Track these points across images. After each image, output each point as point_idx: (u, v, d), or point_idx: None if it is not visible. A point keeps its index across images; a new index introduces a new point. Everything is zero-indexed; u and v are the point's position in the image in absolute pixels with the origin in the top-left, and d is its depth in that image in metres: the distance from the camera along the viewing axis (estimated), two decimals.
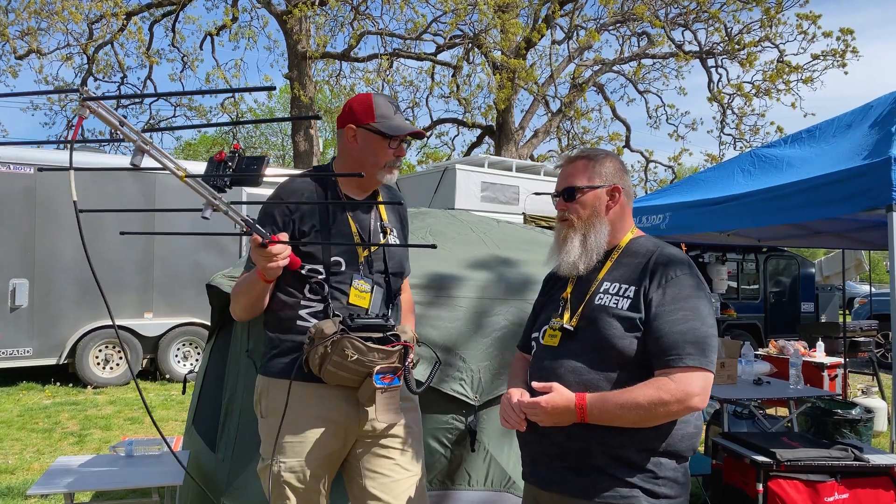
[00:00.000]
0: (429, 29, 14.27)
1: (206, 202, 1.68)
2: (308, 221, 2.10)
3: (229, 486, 2.77)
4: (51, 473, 3.04)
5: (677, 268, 1.75)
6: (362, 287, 2.11)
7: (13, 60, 14.47)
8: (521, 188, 9.97)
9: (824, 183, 3.54)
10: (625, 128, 18.02)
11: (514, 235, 3.64)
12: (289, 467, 2.04)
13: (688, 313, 1.69)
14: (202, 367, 3.74)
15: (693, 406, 1.63)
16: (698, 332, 1.67)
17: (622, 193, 1.90)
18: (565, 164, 1.93)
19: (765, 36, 14.65)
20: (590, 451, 1.71)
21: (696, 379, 1.64)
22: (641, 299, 1.73)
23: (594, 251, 1.84)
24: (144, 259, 8.73)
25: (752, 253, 10.96)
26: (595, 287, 1.83)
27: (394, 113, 2.13)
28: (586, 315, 1.79)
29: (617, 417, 1.65)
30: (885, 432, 5.83)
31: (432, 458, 2.71)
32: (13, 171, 8.04)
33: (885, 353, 10.50)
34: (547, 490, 1.79)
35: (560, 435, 1.74)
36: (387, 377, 2.01)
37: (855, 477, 3.14)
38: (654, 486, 1.69)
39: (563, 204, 1.89)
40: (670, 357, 1.66)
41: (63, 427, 6.54)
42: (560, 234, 1.89)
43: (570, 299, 1.87)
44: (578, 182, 1.88)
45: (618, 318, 1.73)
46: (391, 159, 2.13)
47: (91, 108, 1.44)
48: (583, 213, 1.86)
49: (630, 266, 1.82)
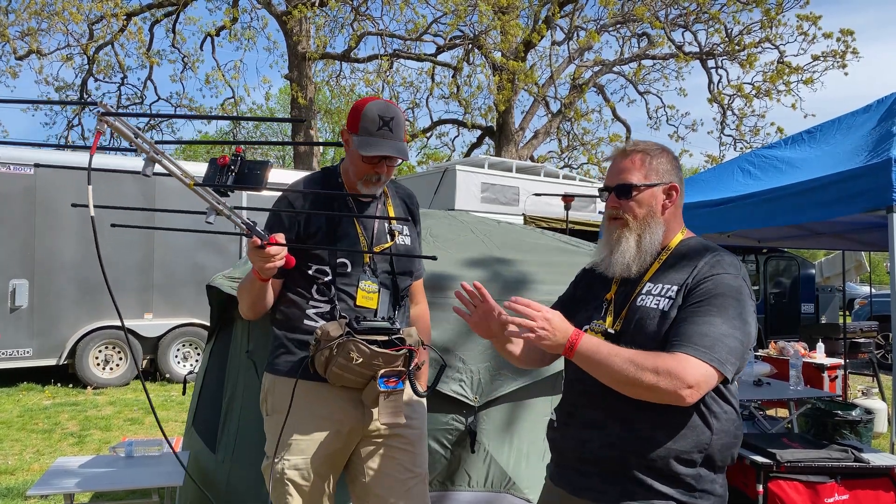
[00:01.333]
0: (429, 30, 14.28)
1: (209, 207, 1.70)
2: (314, 223, 2.11)
3: (229, 486, 2.77)
4: (50, 474, 3.04)
5: (721, 267, 1.66)
6: (370, 288, 2.12)
7: (13, 61, 14.49)
8: (521, 189, 9.97)
9: (824, 184, 3.54)
10: (625, 129, 18.03)
11: (513, 236, 3.64)
12: (293, 465, 2.04)
13: (712, 308, 1.59)
14: (202, 367, 3.74)
15: (681, 394, 1.51)
16: (712, 329, 1.56)
17: (678, 192, 1.80)
18: (618, 158, 1.80)
19: (765, 37, 14.66)
20: (626, 460, 1.64)
21: (697, 368, 1.52)
22: (681, 299, 1.64)
23: (648, 253, 1.74)
24: (144, 260, 8.73)
25: (752, 254, 10.95)
26: (640, 289, 1.74)
27: (377, 129, 2.04)
28: (628, 318, 1.71)
29: (602, 363, 1.56)
30: (886, 433, 5.82)
31: (432, 459, 2.71)
32: (13, 171, 8.05)
33: (886, 354, 10.49)
34: (577, 496, 1.72)
35: (596, 442, 1.68)
36: (391, 380, 2.01)
37: (855, 478, 3.14)
38: (691, 499, 1.62)
39: (616, 201, 1.76)
40: (679, 342, 1.57)
41: (63, 428, 6.53)
42: (613, 234, 1.77)
43: (615, 301, 1.78)
44: (634, 179, 1.75)
45: (655, 320, 1.65)
46: (369, 173, 2.09)
47: (109, 123, 1.50)
48: (638, 212, 1.75)
49: (677, 268, 1.72)
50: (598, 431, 1.68)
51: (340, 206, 2.16)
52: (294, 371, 2.06)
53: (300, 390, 2.06)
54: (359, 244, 2.14)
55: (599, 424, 1.68)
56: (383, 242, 2.19)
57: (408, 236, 2.26)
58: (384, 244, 2.19)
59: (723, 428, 1.64)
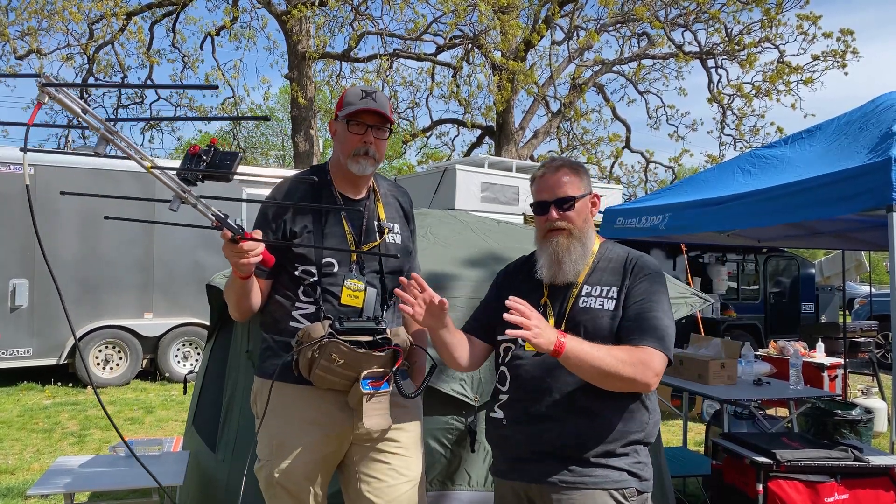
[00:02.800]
0: (429, 29, 14.27)
1: (174, 194, 1.66)
2: (300, 222, 2.08)
3: (229, 485, 2.77)
4: (50, 474, 3.04)
5: (648, 266, 1.91)
6: (355, 287, 2.08)
7: (13, 60, 14.48)
8: (521, 188, 9.96)
9: (824, 183, 3.54)
10: (625, 128, 18.05)
11: (513, 236, 3.64)
12: (281, 469, 2.03)
13: (654, 304, 1.83)
14: (202, 367, 3.74)
15: (648, 382, 1.76)
16: (660, 323, 1.81)
17: (599, 201, 2.01)
18: (548, 175, 1.96)
19: (765, 37, 14.66)
20: (585, 445, 1.80)
21: (660, 359, 1.78)
22: (623, 298, 1.85)
23: (588, 257, 1.93)
24: (144, 259, 8.73)
25: (752, 253, 10.94)
26: (576, 292, 1.90)
27: (360, 99, 2.05)
28: (572, 319, 1.86)
29: (586, 360, 1.71)
30: (885, 433, 5.83)
31: (432, 459, 2.70)
32: (13, 171, 8.05)
33: (885, 353, 10.50)
34: (536, 482, 1.84)
35: (553, 432, 1.82)
36: (376, 382, 1.98)
37: (855, 477, 3.14)
38: (638, 470, 1.84)
39: (559, 213, 1.92)
40: (637, 336, 1.79)
41: (63, 427, 6.54)
42: (560, 244, 1.91)
43: (551, 304, 1.92)
44: (571, 191, 1.93)
45: (606, 319, 1.84)
46: (358, 145, 2.06)
47: (51, 95, 1.40)
48: (577, 221, 1.92)
49: (608, 270, 1.92)
50: (556, 423, 1.82)
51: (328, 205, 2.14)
52: (279, 374, 2.03)
53: (288, 394, 2.04)
54: (346, 243, 2.11)
55: (557, 418, 1.82)
56: (372, 241, 2.16)
57: (399, 234, 2.23)
58: (373, 242, 2.16)
59: (654, 407, 1.91)
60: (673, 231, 4.70)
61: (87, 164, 8.47)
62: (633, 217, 5.03)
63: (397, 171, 23.53)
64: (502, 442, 1.93)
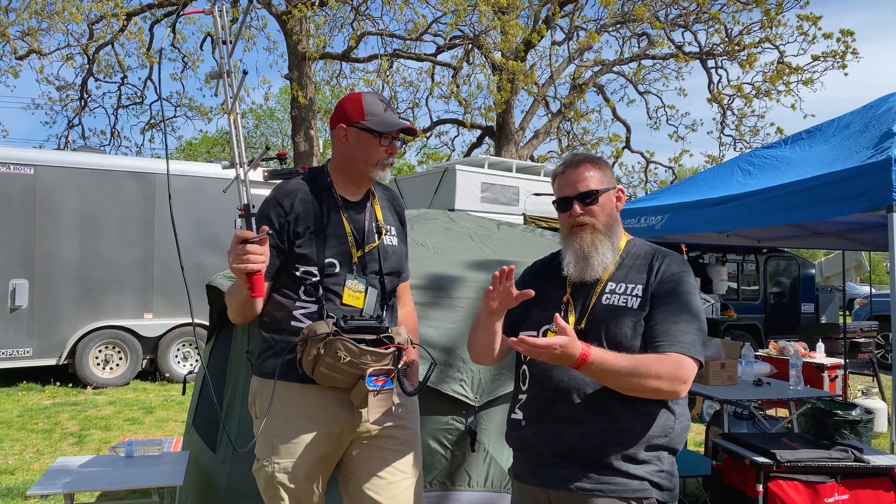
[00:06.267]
0: (429, 30, 14.26)
1: (230, 162, 1.90)
2: (302, 223, 2.10)
3: (229, 486, 2.77)
4: (50, 474, 3.03)
5: (676, 265, 1.84)
6: (356, 287, 2.10)
7: (14, 61, 14.48)
8: (521, 189, 9.97)
9: (824, 183, 3.54)
10: (625, 129, 18.01)
11: (513, 236, 3.64)
12: (282, 468, 2.03)
13: (681, 306, 1.76)
14: (202, 367, 3.73)
15: (678, 391, 1.70)
16: (690, 326, 1.74)
17: (624, 195, 1.94)
18: (571, 169, 1.91)
19: (765, 37, 14.64)
20: (605, 449, 1.74)
21: (689, 365, 1.71)
22: (648, 297, 1.79)
23: (615, 253, 1.88)
24: (145, 259, 8.72)
25: (751, 254, 10.95)
26: (600, 288, 1.84)
27: (384, 110, 2.12)
28: (594, 317, 1.81)
29: (612, 373, 1.67)
30: (885, 433, 5.82)
31: (432, 459, 2.71)
32: (13, 171, 8.05)
33: (886, 354, 10.49)
34: (556, 489, 1.79)
35: (573, 434, 1.76)
36: (380, 379, 2.00)
37: (855, 478, 3.14)
38: (660, 479, 1.76)
39: (582, 208, 1.87)
40: (667, 342, 1.72)
41: (63, 427, 6.54)
42: (584, 240, 1.85)
43: (574, 301, 1.86)
44: (593, 185, 1.88)
45: (630, 318, 1.77)
46: (383, 156, 2.12)
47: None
48: (602, 216, 1.88)
49: (633, 267, 1.86)
50: (575, 425, 1.76)
51: (330, 207, 2.15)
52: (280, 373, 2.04)
53: (289, 392, 2.05)
54: (348, 244, 2.13)
55: (577, 418, 1.77)
56: (371, 242, 2.18)
57: (395, 237, 2.26)
58: (372, 243, 2.18)
59: (682, 412, 1.82)
60: (673, 231, 4.70)
61: (87, 164, 8.48)
62: (633, 217, 5.03)
63: (397, 171, 23.54)
64: (522, 444, 1.88)
